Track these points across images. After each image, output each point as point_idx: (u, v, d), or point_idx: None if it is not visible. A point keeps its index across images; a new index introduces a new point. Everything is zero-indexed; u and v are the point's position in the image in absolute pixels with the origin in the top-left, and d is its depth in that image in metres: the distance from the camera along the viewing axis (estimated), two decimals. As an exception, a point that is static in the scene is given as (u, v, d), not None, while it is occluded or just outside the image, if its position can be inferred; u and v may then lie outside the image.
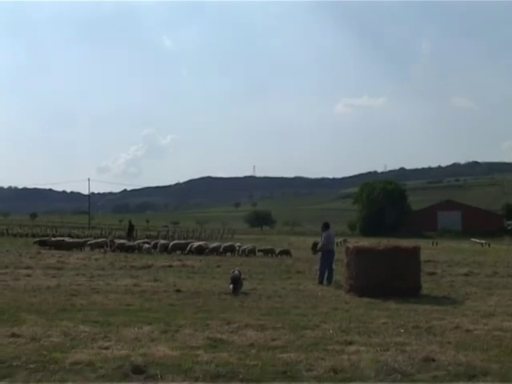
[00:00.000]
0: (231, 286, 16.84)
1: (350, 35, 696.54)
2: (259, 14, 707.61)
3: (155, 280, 19.48)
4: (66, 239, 40.67)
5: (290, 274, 23.12)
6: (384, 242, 20.53)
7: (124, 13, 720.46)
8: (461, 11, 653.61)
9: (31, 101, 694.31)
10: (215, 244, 38.72)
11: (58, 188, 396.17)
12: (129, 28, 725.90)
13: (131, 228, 47.85)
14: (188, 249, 35.73)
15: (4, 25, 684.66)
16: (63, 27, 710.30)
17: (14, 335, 9.90)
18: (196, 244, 37.03)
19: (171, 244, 37.25)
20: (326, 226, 21.29)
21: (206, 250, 35.43)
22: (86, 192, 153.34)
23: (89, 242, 38.13)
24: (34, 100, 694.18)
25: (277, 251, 37.12)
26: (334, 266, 20.71)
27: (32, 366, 8.11)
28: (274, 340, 10.05)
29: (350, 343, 9.85)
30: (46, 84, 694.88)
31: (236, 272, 17.53)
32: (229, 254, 36.06)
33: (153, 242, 38.20)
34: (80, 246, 36.97)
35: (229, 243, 39.90)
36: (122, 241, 38.71)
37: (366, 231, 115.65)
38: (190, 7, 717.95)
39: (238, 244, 39.18)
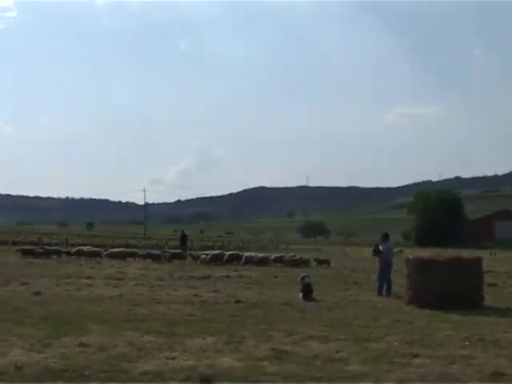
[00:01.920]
0: (301, 294, 17.56)
1: (403, 43, 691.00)
2: (310, 20, 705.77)
3: (214, 291, 19.59)
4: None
5: (347, 285, 23.03)
6: (443, 253, 20.27)
7: (176, 25, 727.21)
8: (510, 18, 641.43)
9: (88, 112, 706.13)
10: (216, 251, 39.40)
11: (114, 198, 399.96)
12: (181, 40, 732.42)
13: (184, 238, 48.01)
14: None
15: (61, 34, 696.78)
16: (117, 39, 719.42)
17: (82, 344, 10.09)
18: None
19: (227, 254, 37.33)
20: (385, 237, 21.18)
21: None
22: (140, 202, 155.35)
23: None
24: (91, 111, 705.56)
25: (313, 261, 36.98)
26: (392, 278, 20.55)
27: (102, 375, 8.26)
28: (337, 352, 10.03)
29: (416, 356, 9.76)
30: (104, 95, 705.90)
31: (307, 279, 18.28)
32: (234, 262, 35.56)
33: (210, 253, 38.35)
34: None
35: (232, 252, 40.44)
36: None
37: (422, 241, 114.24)
38: (237, 19, 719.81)
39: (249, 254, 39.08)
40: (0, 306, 14.70)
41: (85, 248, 40.42)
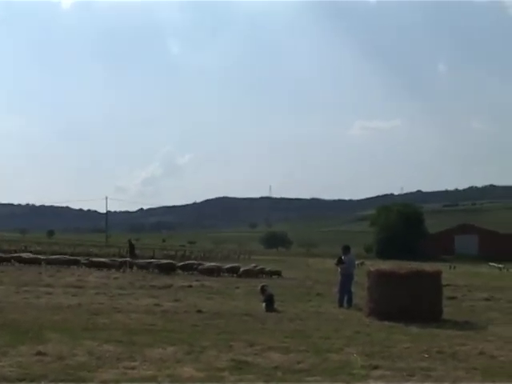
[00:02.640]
0: (264, 305, 17.60)
1: (368, 56, 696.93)
2: (277, 30, 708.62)
3: (175, 300, 19.53)
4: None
5: (310, 297, 23.10)
6: (404, 266, 20.46)
7: (146, 29, 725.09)
8: (475, 33, 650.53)
9: (49, 117, 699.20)
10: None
11: (75, 206, 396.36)
12: (153, 45, 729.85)
13: (132, 247, 47.78)
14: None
15: (32, 39, 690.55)
16: (78, 43, 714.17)
17: (39, 353, 9.94)
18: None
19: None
20: (346, 249, 21.27)
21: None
22: (102, 210, 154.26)
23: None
24: (52, 116, 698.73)
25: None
26: (353, 289, 20.65)
27: (60, 384, 8.16)
28: (298, 363, 10.03)
29: (375, 368, 9.79)
30: (66, 100, 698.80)
31: (268, 290, 18.61)
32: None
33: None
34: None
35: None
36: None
37: (383, 254, 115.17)
38: (210, 24, 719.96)
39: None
40: (-44, 314, 14.47)
41: (24, 255, 39.98)
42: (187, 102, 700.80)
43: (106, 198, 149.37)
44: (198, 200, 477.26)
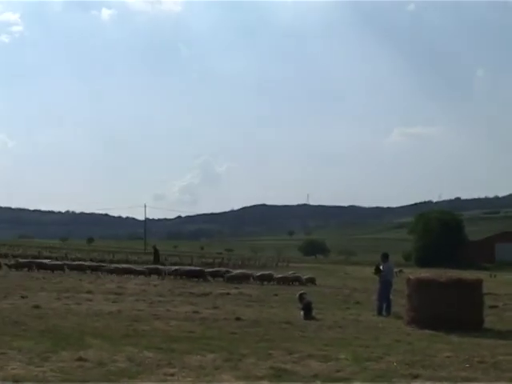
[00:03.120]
0: (302, 313, 17.56)
1: (407, 62, 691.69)
2: (313, 36, 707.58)
3: (214, 307, 19.57)
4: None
5: (348, 305, 22.99)
6: (444, 274, 20.24)
7: (177, 36, 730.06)
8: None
9: (89, 126, 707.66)
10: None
11: (114, 213, 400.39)
12: (184, 53, 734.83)
13: (157, 253, 47.79)
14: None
15: (62, 50, 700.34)
16: (120, 52, 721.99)
17: (80, 359, 10.04)
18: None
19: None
20: (385, 257, 21.16)
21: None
22: (141, 218, 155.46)
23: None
24: (93, 125, 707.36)
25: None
26: (392, 297, 20.51)
27: (101, 390, 8.23)
28: (338, 371, 9.98)
29: (416, 377, 9.71)
30: (106, 109, 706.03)
31: (307, 298, 18.59)
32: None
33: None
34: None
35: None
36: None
37: (422, 262, 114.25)
38: (240, 32, 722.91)
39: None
40: (-1, 319, 14.69)
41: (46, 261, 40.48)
42: (226, 110, 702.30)
43: (145, 206, 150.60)
44: (236, 208, 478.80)
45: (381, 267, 20.97)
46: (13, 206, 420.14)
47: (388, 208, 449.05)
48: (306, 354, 11.46)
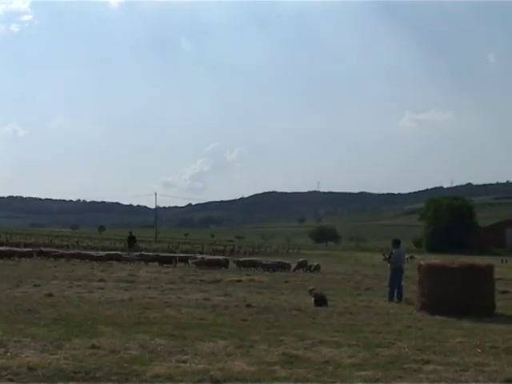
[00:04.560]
0: (312, 299, 17.67)
1: (417, 48, 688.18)
2: (323, 24, 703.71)
3: (225, 294, 19.64)
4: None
5: (359, 291, 23.00)
6: (455, 260, 20.22)
7: (188, 26, 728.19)
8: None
9: (100, 114, 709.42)
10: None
11: (125, 202, 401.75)
12: (195, 42, 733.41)
13: (132, 239, 47.43)
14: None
15: (76, 35, 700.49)
16: (130, 40, 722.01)
17: (93, 347, 10.12)
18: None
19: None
20: (396, 243, 21.16)
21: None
22: (151, 206, 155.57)
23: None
24: (103, 113, 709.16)
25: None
26: (403, 283, 20.51)
27: (114, 377, 8.28)
28: (349, 357, 10.01)
29: (427, 362, 9.72)
30: (116, 97, 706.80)
31: (319, 293, 18.42)
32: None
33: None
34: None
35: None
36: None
37: (433, 248, 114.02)
38: (251, 21, 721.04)
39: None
40: (12, 307, 14.81)
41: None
42: (235, 98, 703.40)
43: (155, 194, 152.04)
44: (247, 195, 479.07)
45: (390, 253, 20.97)
46: (24, 195, 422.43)
47: (399, 194, 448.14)
48: (318, 340, 11.50)
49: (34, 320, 12.94)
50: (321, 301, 17.63)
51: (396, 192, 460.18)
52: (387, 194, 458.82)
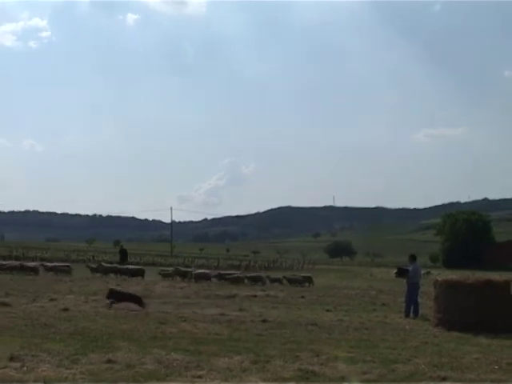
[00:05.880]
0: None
1: (433, 63, 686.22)
2: (337, 40, 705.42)
3: (241, 309, 19.62)
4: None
5: (375, 306, 22.91)
6: (472, 275, 20.09)
7: (202, 40, 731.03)
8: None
9: (115, 129, 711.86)
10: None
11: (140, 216, 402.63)
12: (207, 57, 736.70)
13: (124, 253, 47.23)
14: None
15: (97, 53, 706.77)
16: (146, 56, 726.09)
17: (109, 361, 10.14)
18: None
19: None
20: (412, 259, 21.07)
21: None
22: (167, 220, 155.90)
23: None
24: (118, 128, 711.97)
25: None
26: (419, 299, 20.41)
27: (130, 393, 8.31)
28: (365, 373, 9.98)
29: (444, 379, 9.68)
30: (132, 112, 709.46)
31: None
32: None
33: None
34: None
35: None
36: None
37: (449, 263, 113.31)
38: (265, 33, 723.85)
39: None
40: (29, 322, 14.88)
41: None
42: (251, 112, 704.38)
43: (171, 208, 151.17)
44: (262, 210, 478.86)
45: (399, 269, 20.94)
46: (40, 210, 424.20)
47: (415, 209, 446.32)
48: (333, 355, 11.46)
49: (50, 335, 12.98)
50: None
51: (412, 207, 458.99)
52: (403, 208, 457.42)
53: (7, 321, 15.08)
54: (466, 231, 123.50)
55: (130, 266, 40.59)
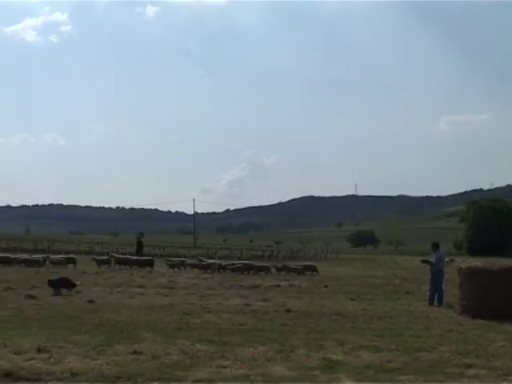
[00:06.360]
0: None
1: (453, 49, 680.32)
2: (357, 30, 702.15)
3: (265, 300, 19.66)
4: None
5: (398, 295, 22.85)
6: (496, 262, 19.93)
7: (226, 33, 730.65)
8: None
9: (137, 122, 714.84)
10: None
11: (163, 208, 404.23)
12: (231, 49, 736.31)
13: (140, 244, 47.49)
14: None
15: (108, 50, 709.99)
16: (166, 48, 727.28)
17: (135, 352, 10.23)
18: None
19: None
20: (435, 246, 20.97)
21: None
22: (190, 212, 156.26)
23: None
24: (140, 121, 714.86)
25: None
26: (444, 287, 20.31)
27: (156, 383, 8.39)
28: (389, 362, 9.98)
29: (469, 366, 9.64)
30: (154, 105, 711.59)
31: None
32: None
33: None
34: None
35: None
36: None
37: (473, 250, 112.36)
38: (287, 25, 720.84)
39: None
40: (55, 314, 15.06)
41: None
42: (272, 103, 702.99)
43: (194, 200, 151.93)
44: (284, 200, 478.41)
45: (431, 259, 20.82)
46: (64, 203, 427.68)
47: (438, 197, 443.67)
48: (358, 344, 11.47)
49: (76, 326, 13.11)
50: None
51: (435, 194, 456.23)
52: (426, 196, 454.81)
53: (34, 313, 15.29)
54: (491, 218, 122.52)
55: (141, 257, 41.04)
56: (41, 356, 9.78)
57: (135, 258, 40.46)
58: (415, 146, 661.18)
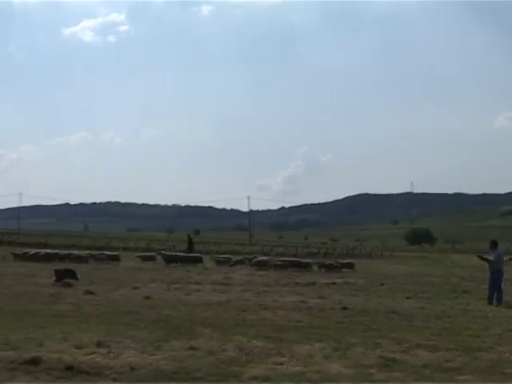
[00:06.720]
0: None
1: (508, 47, 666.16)
2: (413, 28, 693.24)
3: (320, 297, 19.63)
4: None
5: (456, 294, 22.55)
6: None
7: (279, 33, 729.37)
8: None
9: (193, 120, 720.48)
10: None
11: (218, 205, 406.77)
12: (285, 49, 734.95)
13: (191, 242, 47.75)
14: None
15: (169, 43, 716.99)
16: (222, 48, 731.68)
17: (192, 348, 10.33)
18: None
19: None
20: (494, 245, 20.62)
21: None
22: (245, 209, 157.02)
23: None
24: (195, 119, 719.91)
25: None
26: (503, 286, 19.98)
27: (213, 378, 8.47)
28: (447, 361, 9.86)
29: (530, 368, 9.47)
30: (210, 104, 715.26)
31: None
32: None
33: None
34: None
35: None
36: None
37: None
38: (339, 23, 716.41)
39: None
40: (113, 309, 15.29)
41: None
42: (329, 100, 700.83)
43: (248, 198, 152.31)
44: (340, 197, 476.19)
45: (490, 257, 20.49)
46: (122, 201, 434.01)
47: (495, 194, 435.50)
48: (415, 343, 11.36)
49: (134, 322, 13.31)
50: None
51: (492, 192, 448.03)
52: (483, 194, 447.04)
53: (92, 308, 15.56)
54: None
55: (189, 255, 41.44)
56: (100, 350, 9.95)
57: (183, 254, 40.85)
58: (472, 142, 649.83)
